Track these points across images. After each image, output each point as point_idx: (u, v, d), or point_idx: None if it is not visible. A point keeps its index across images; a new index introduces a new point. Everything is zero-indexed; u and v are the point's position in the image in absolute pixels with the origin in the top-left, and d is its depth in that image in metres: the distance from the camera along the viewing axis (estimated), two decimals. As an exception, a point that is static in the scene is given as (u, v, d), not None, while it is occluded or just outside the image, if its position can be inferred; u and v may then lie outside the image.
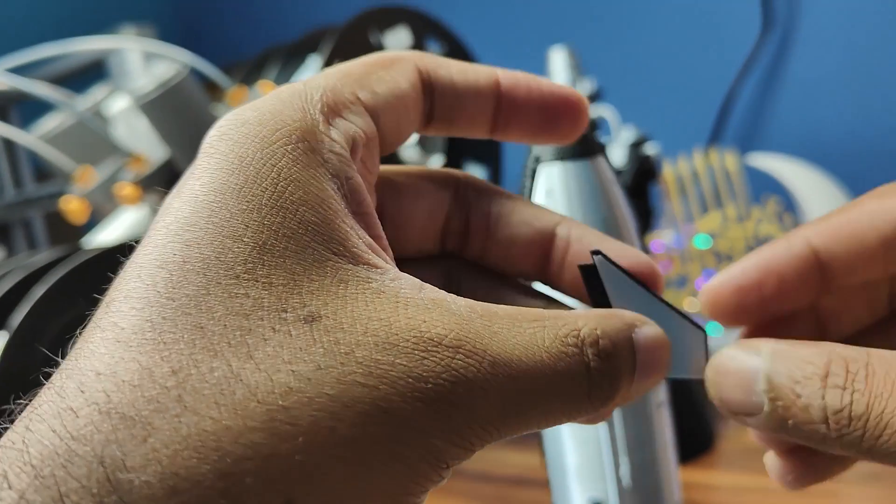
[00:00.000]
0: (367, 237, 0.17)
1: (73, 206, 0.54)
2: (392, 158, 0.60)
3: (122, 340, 0.15)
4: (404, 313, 0.15)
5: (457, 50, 0.67)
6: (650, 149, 0.60)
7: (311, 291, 0.15)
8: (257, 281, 0.15)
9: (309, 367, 0.14)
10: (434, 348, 0.15)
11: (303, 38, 0.67)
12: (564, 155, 0.28)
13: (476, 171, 0.69)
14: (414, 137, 0.60)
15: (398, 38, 0.62)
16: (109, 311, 0.16)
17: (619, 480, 0.29)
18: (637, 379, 0.18)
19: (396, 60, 0.20)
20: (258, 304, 0.15)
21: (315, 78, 0.18)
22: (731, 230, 0.80)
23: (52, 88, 0.54)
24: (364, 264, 0.16)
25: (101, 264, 0.45)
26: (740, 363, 0.19)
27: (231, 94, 0.52)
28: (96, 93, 0.60)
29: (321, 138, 0.17)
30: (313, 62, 0.63)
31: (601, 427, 0.29)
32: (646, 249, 0.30)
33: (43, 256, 0.47)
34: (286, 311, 0.15)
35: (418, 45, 0.63)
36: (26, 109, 0.83)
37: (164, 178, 0.50)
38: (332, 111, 0.18)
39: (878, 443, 0.17)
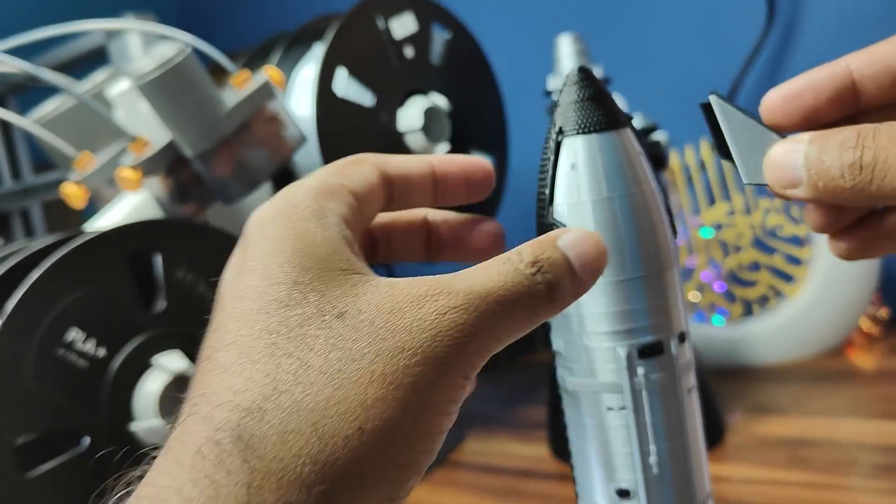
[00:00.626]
0: (360, 263, 0.25)
1: (71, 191, 0.52)
2: (401, 147, 0.59)
3: (227, 370, 0.22)
4: (398, 290, 0.23)
5: (462, 36, 0.66)
6: (659, 136, 0.59)
7: (336, 298, 0.23)
8: (299, 303, 0.23)
9: (348, 343, 0.22)
10: (423, 299, 0.22)
11: (307, 24, 0.66)
12: (589, 127, 0.27)
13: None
14: (419, 125, 0.59)
15: (403, 25, 0.61)
16: (212, 354, 0.24)
17: (647, 469, 0.28)
18: (580, 271, 0.25)
19: (360, 160, 0.29)
20: (304, 317, 0.23)
21: (313, 177, 0.28)
22: (737, 221, 0.79)
23: (52, 73, 0.53)
24: (363, 275, 0.24)
25: (99, 248, 0.44)
26: (788, 149, 0.25)
27: (236, 78, 0.51)
28: (96, 76, 0.59)
29: (325, 213, 0.26)
30: (318, 49, 0.62)
31: (629, 414, 0.28)
32: (673, 229, 0.29)
33: (40, 241, 0.46)
34: (325, 315, 0.23)
35: (424, 31, 0.63)
36: (26, 99, 0.82)
37: (165, 162, 0.49)
38: (330, 195, 0.27)
39: (883, 183, 0.23)
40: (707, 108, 0.27)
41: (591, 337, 0.28)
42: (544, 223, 0.28)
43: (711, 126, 0.27)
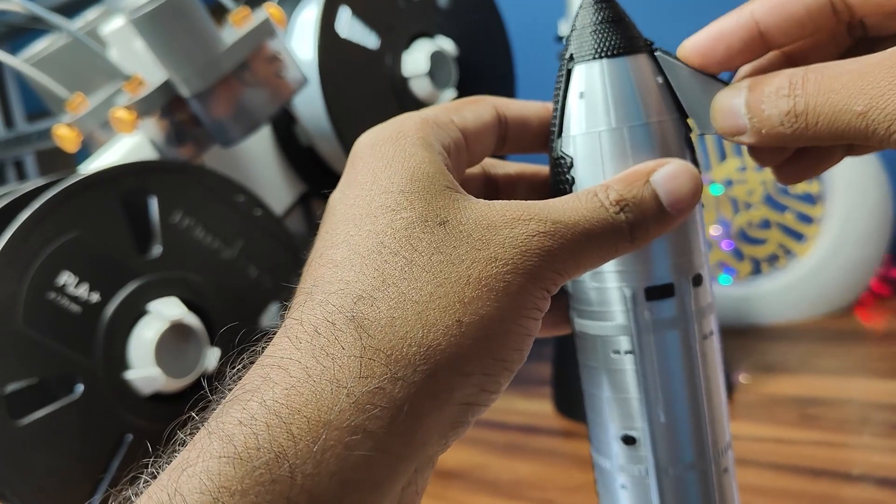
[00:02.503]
0: (459, 186, 0.27)
1: (64, 134, 0.51)
2: (405, 92, 0.57)
3: (338, 265, 0.25)
4: (494, 210, 0.25)
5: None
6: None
7: (439, 208, 0.25)
8: (405, 209, 0.25)
9: (448, 248, 0.24)
10: (517, 221, 0.25)
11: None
12: (601, 52, 0.25)
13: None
14: (424, 69, 0.57)
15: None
16: (324, 251, 0.26)
17: (653, 416, 0.26)
18: (669, 208, 0.26)
19: (480, 100, 0.30)
20: (409, 221, 0.25)
21: (427, 110, 0.29)
22: (749, 177, 0.77)
23: (44, 10, 0.51)
24: (463, 194, 0.26)
25: (91, 189, 0.42)
26: (729, 97, 0.26)
27: (235, 15, 0.48)
28: (89, 14, 0.56)
29: (431, 141, 0.27)
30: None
31: (635, 358, 0.26)
32: (695, 163, 0.27)
33: (30, 184, 0.44)
34: (427, 221, 0.25)
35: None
36: (17, 44, 0.80)
37: (161, 102, 0.47)
38: (438, 127, 0.28)
39: (818, 128, 0.24)
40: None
41: (598, 277, 0.27)
42: (553, 157, 0.27)
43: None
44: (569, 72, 0.26)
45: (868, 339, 0.72)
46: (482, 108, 0.30)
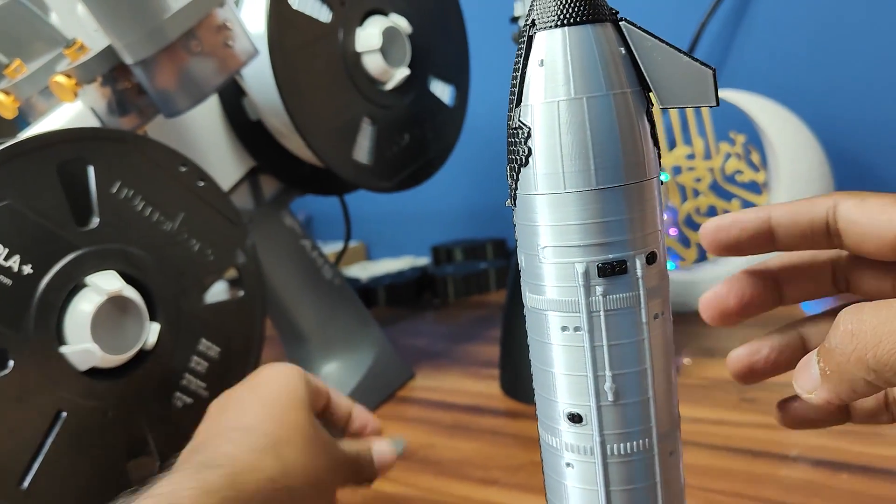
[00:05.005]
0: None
1: (0, 100, 0.49)
2: (358, 68, 0.56)
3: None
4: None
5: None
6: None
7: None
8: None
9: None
10: None
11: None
12: (563, 19, 0.25)
13: (443, 90, 0.65)
14: (377, 45, 0.56)
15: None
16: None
17: (600, 394, 0.26)
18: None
19: None
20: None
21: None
22: (697, 165, 0.78)
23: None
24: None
25: (24, 156, 0.40)
26: (805, 365, 0.27)
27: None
28: (28, -25, 0.54)
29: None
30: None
31: (584, 335, 0.26)
32: (654, 140, 0.27)
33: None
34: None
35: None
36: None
37: (103, 69, 0.45)
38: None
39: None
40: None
41: (550, 252, 0.26)
42: (510, 126, 0.26)
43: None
44: (530, 38, 0.25)
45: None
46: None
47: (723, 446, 0.51)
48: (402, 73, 0.58)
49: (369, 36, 0.56)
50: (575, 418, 0.27)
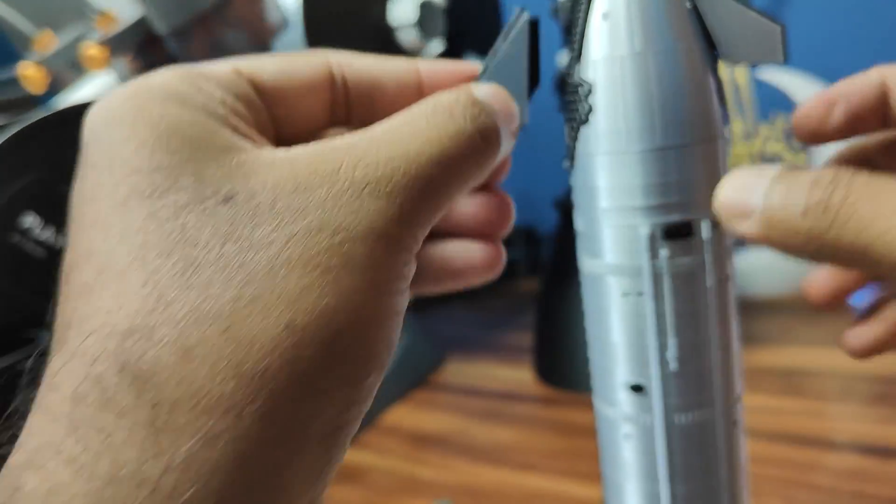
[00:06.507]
0: (246, 142, 0.20)
1: (30, 73, 0.48)
2: (391, 42, 0.55)
3: (90, 290, 0.17)
4: (300, 165, 0.18)
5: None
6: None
7: (218, 180, 0.18)
8: (168, 190, 0.18)
9: (244, 231, 0.17)
10: (337, 173, 0.18)
11: None
12: None
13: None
14: (412, 19, 0.55)
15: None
16: (68, 273, 0.18)
17: (664, 363, 0.25)
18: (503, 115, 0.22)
19: (305, 54, 0.23)
20: (178, 205, 0.17)
21: (195, 65, 0.21)
22: (736, 148, 0.77)
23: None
24: (252, 153, 0.19)
25: (57, 127, 0.39)
26: (748, 174, 0.23)
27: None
28: (58, -53, 0.53)
29: (191, 94, 0.20)
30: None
31: (647, 301, 0.25)
32: (721, 97, 0.26)
33: (-5, 121, 0.41)
34: (205, 201, 0.17)
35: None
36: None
37: (134, 40, 0.44)
38: (204, 79, 0.20)
39: (843, 229, 0.20)
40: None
41: (613, 214, 0.25)
42: (571, 83, 0.25)
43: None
44: None
45: (849, 312, 0.71)
46: (300, 63, 0.23)
47: (768, 433, 0.50)
48: (437, 47, 0.57)
49: (404, 10, 0.55)
50: (636, 388, 0.25)
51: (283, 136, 0.23)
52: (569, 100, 0.26)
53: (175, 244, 0.17)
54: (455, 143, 0.20)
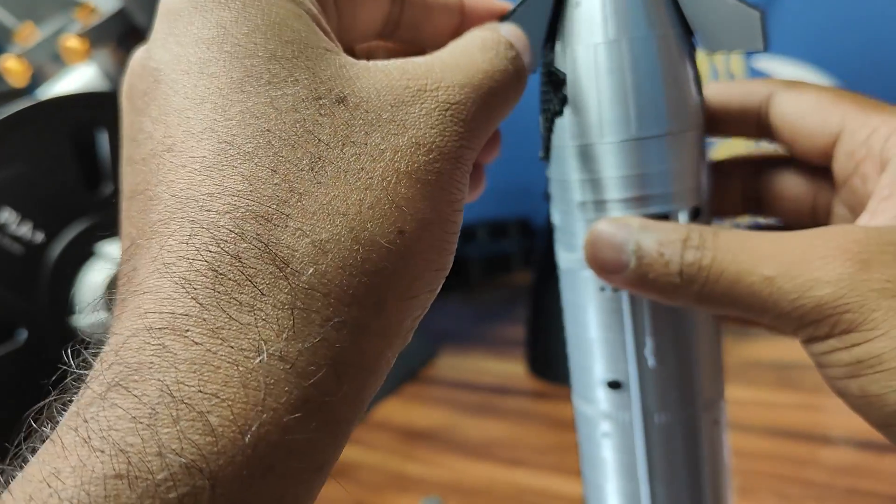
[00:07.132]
0: (335, 45, 0.20)
1: (12, 66, 0.47)
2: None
3: (209, 167, 0.17)
4: (394, 78, 0.19)
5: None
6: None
7: (329, 79, 0.18)
8: (286, 81, 0.18)
9: (360, 135, 0.18)
10: (423, 93, 0.19)
11: None
12: None
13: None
14: None
15: None
16: (175, 145, 0.18)
17: (642, 360, 0.24)
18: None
19: None
20: (298, 98, 0.18)
21: None
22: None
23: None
24: (349, 59, 0.19)
25: (34, 120, 0.39)
26: (616, 228, 0.23)
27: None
28: (39, -63, 0.53)
29: None
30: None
31: (625, 298, 0.24)
32: (698, 86, 0.25)
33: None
34: (321, 98, 0.18)
35: None
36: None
37: (115, 31, 0.43)
38: None
39: (716, 286, 0.22)
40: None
41: (588, 207, 0.24)
42: (544, 72, 0.24)
43: None
44: None
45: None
46: None
47: (763, 427, 0.49)
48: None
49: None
50: (614, 385, 0.25)
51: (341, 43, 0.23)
52: (543, 90, 0.25)
53: (299, 137, 0.17)
54: (502, 79, 0.21)
